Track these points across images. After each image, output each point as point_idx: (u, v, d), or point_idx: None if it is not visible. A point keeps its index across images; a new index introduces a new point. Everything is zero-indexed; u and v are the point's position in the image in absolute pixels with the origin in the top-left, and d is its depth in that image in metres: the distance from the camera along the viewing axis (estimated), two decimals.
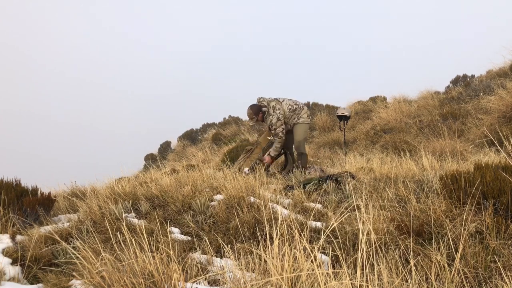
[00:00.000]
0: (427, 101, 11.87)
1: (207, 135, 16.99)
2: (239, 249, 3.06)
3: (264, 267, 2.32)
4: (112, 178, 5.51)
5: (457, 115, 9.70)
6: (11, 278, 2.87)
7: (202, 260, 2.94)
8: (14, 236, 3.49)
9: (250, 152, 6.46)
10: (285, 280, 2.04)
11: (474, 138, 7.98)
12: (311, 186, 4.50)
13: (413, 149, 7.65)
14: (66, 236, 3.60)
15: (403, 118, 11.02)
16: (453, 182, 3.49)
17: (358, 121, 12.45)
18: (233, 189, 4.22)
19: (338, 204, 3.99)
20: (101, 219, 3.83)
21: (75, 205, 4.57)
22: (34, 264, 3.09)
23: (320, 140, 11.71)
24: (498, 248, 2.71)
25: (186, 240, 3.50)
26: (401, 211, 3.46)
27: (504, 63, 12.08)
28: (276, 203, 4.04)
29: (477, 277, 2.49)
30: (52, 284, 2.77)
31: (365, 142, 10.40)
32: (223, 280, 2.47)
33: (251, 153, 6.44)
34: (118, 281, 2.19)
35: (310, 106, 15.57)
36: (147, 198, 4.57)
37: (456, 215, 3.22)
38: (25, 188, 4.37)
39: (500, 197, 3.15)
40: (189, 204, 4.20)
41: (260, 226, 3.49)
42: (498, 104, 8.62)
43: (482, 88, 10.90)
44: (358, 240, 2.95)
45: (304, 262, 2.11)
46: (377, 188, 4.32)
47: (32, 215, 4.05)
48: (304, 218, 3.62)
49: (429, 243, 2.96)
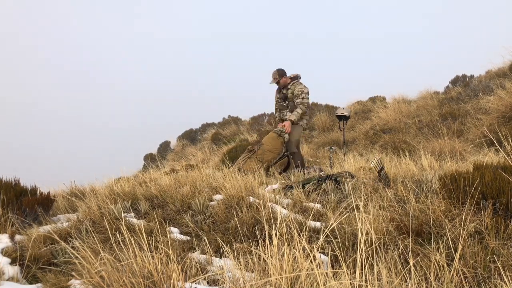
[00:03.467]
0: (427, 101, 11.88)
1: (207, 135, 17.00)
2: (239, 249, 3.06)
3: (264, 267, 2.32)
4: (111, 178, 5.51)
5: (457, 115, 9.70)
6: (10, 277, 2.87)
7: (202, 260, 2.94)
8: (13, 236, 3.48)
9: (252, 152, 6.41)
10: (285, 280, 2.04)
11: (473, 138, 7.98)
12: (311, 186, 4.50)
13: (412, 149, 7.65)
14: (65, 236, 3.59)
15: (403, 118, 11.03)
16: (453, 182, 3.49)
17: (358, 121, 12.46)
18: (233, 189, 4.22)
19: (337, 204, 3.99)
20: (100, 219, 3.83)
21: (74, 205, 4.57)
22: (33, 264, 3.08)
23: (319, 140, 11.72)
24: (497, 248, 2.71)
25: (185, 240, 3.50)
26: (401, 211, 3.47)
27: (503, 63, 12.10)
28: (275, 203, 4.04)
29: (476, 277, 2.49)
30: (51, 284, 2.77)
31: (365, 142, 10.40)
32: (223, 280, 2.47)
33: (253, 153, 6.39)
34: (117, 281, 2.19)
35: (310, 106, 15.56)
36: (147, 198, 4.57)
37: (455, 215, 3.22)
38: (24, 187, 4.37)
39: (500, 197, 3.15)
40: (189, 204, 4.19)
41: (259, 226, 3.49)
42: (497, 104, 8.63)
43: (482, 88, 10.91)
44: (357, 240, 2.95)
45: (304, 262, 2.11)
46: (376, 188, 4.33)
47: (31, 214, 4.05)
48: (303, 218, 3.62)
49: (429, 243, 2.96)
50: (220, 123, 17.70)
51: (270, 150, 6.38)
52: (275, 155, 6.42)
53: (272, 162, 6.45)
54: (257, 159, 6.26)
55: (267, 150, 6.39)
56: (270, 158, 6.37)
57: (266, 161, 6.29)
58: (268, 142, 6.46)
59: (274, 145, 6.42)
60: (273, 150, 6.38)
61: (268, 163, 6.34)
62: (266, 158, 6.30)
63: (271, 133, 6.62)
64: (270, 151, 6.38)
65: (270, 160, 6.38)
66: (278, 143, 6.42)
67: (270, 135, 6.55)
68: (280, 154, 6.53)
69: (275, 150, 6.40)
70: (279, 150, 6.45)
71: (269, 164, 6.39)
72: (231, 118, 17.63)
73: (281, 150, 6.48)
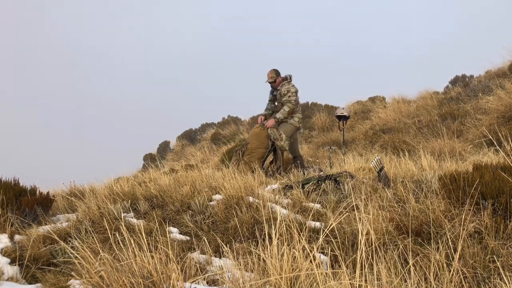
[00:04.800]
0: (426, 101, 11.88)
1: (206, 135, 16.99)
2: (238, 249, 3.05)
3: (263, 267, 2.32)
4: (111, 178, 5.51)
5: (456, 115, 9.70)
6: (9, 277, 2.87)
7: (201, 260, 2.94)
8: (13, 236, 3.48)
9: (242, 153, 6.43)
10: (284, 280, 2.03)
11: (473, 138, 7.98)
12: (310, 186, 4.50)
13: (412, 149, 7.65)
14: (64, 236, 3.59)
15: (402, 118, 11.03)
16: (452, 182, 3.50)
17: (357, 121, 12.45)
18: (232, 189, 4.22)
19: (337, 204, 3.99)
20: (100, 219, 3.83)
21: (74, 204, 4.56)
22: (33, 264, 3.08)
23: (319, 140, 11.72)
24: (497, 248, 2.71)
25: (185, 240, 3.50)
26: (400, 211, 3.47)
27: (503, 64, 12.11)
28: (275, 203, 4.04)
29: (476, 277, 2.49)
30: (51, 284, 2.77)
31: (364, 142, 10.40)
32: (222, 280, 2.46)
33: (242, 154, 6.41)
34: (117, 281, 2.19)
35: (309, 106, 15.57)
36: (146, 198, 4.57)
37: (455, 215, 3.22)
38: (24, 187, 4.36)
39: (499, 197, 3.15)
40: (188, 204, 4.19)
41: (259, 226, 3.49)
42: (497, 104, 8.63)
43: (481, 88, 10.91)
44: (357, 240, 2.95)
45: (303, 262, 2.11)
46: (376, 188, 4.33)
47: (30, 214, 4.05)
48: (303, 218, 3.62)
49: (428, 243, 2.96)
50: (219, 123, 17.69)
51: (257, 146, 6.39)
52: (263, 150, 6.43)
53: (264, 157, 6.47)
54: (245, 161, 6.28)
55: (254, 148, 6.38)
56: (260, 154, 6.38)
57: (257, 159, 6.31)
58: (253, 139, 6.46)
59: (259, 141, 6.42)
60: (260, 146, 6.39)
61: (260, 160, 6.36)
62: (256, 156, 6.32)
63: (253, 129, 6.65)
64: (258, 147, 6.38)
65: (261, 156, 6.40)
66: (263, 137, 6.42)
67: (253, 132, 6.58)
68: (268, 148, 6.52)
69: (262, 145, 6.40)
70: (265, 143, 6.44)
71: (262, 160, 6.41)
72: (230, 118, 17.63)
73: (268, 144, 6.48)
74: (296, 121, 6.58)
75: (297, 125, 6.61)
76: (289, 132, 6.53)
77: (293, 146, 6.65)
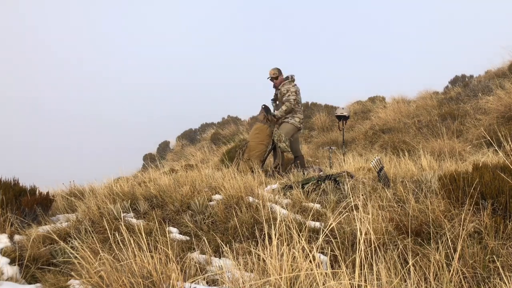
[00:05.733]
0: (426, 101, 11.88)
1: (206, 135, 16.99)
2: (238, 249, 3.05)
3: (263, 267, 2.32)
4: (110, 178, 5.51)
5: (456, 115, 9.71)
6: (9, 277, 2.87)
7: (201, 260, 2.94)
8: (12, 236, 3.48)
9: (242, 152, 6.43)
10: (284, 280, 2.03)
11: (472, 138, 7.99)
12: (310, 186, 4.50)
13: (411, 149, 7.65)
14: (64, 236, 3.59)
15: (402, 118, 11.03)
16: (452, 182, 3.50)
17: (357, 121, 12.45)
18: (232, 189, 4.22)
19: (336, 204, 3.99)
20: (100, 219, 3.83)
21: (74, 204, 4.56)
22: (32, 263, 3.08)
23: (319, 140, 11.72)
24: (497, 248, 2.71)
25: (184, 240, 3.50)
26: (400, 211, 3.47)
27: (502, 64, 12.13)
28: (274, 203, 4.04)
29: (476, 277, 2.49)
30: (50, 284, 2.76)
31: (364, 142, 10.40)
32: (222, 280, 2.46)
33: (242, 153, 6.42)
34: (117, 280, 2.19)
35: (309, 106, 15.58)
36: (146, 198, 4.57)
37: (454, 215, 3.22)
38: (23, 187, 4.36)
39: (499, 197, 3.15)
40: (188, 204, 4.19)
41: (258, 226, 3.49)
42: (497, 105, 8.63)
43: (481, 88, 10.91)
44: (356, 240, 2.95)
45: (303, 262, 2.11)
46: (376, 188, 4.33)
47: (30, 214, 4.05)
48: (302, 218, 3.62)
49: (428, 243, 2.96)
50: (219, 123, 17.71)
51: (258, 143, 6.39)
52: (264, 147, 6.43)
53: (265, 154, 6.46)
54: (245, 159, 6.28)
55: (255, 145, 6.38)
56: (260, 152, 6.38)
57: (258, 156, 6.31)
58: (254, 137, 6.46)
59: (260, 138, 6.42)
60: (260, 142, 6.40)
61: (260, 159, 6.36)
62: (257, 153, 6.31)
63: (254, 126, 6.64)
64: (258, 144, 6.39)
65: (261, 155, 6.40)
66: (264, 134, 6.42)
67: (256, 127, 6.57)
68: (269, 146, 6.52)
69: (263, 142, 6.41)
70: (266, 141, 6.44)
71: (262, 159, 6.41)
72: (230, 118, 17.64)
73: (269, 141, 6.47)
74: (297, 121, 6.60)
75: (298, 125, 6.63)
76: (290, 132, 6.54)
77: (294, 146, 6.66)
